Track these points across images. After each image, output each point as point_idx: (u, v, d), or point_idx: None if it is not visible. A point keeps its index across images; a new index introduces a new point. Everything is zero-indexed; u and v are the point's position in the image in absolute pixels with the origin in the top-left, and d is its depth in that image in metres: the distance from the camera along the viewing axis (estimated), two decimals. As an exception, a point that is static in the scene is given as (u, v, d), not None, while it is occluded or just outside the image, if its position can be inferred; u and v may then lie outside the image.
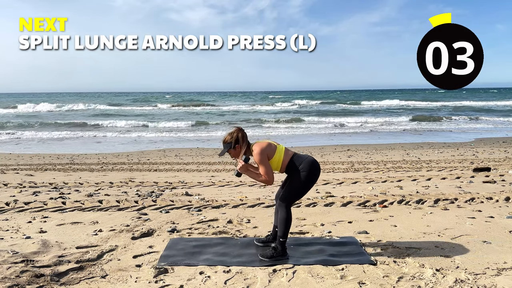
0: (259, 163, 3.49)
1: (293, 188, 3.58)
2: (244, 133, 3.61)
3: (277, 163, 3.56)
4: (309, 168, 3.55)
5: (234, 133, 3.58)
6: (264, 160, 3.48)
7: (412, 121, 25.65)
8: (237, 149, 3.58)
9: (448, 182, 7.41)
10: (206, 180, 7.92)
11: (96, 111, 37.75)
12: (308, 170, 3.54)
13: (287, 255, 3.58)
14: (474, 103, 44.47)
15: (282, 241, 3.57)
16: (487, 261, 3.49)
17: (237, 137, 3.56)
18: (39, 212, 5.32)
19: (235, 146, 3.57)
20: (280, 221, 3.59)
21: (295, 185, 3.57)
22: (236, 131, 3.59)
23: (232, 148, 3.58)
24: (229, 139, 3.59)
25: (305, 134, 19.73)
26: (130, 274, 3.28)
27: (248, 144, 3.61)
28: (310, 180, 3.57)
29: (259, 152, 3.48)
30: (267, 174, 3.49)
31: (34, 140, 17.64)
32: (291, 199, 3.62)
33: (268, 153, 3.52)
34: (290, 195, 3.60)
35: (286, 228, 3.57)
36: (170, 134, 20.05)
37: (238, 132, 3.58)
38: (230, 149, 3.60)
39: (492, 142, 15.51)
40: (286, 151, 3.62)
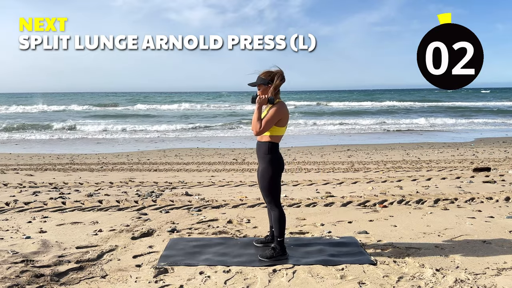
0: (271, 114, 3.42)
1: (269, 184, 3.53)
2: (283, 77, 3.52)
3: (272, 131, 3.50)
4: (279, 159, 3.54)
5: (273, 73, 3.51)
6: (276, 116, 3.43)
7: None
8: (268, 88, 3.50)
9: (448, 182, 7.41)
10: (206, 180, 7.92)
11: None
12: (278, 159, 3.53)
13: (287, 255, 3.58)
14: (472, 104, 44.42)
15: (279, 240, 3.56)
16: (487, 261, 3.49)
17: (274, 77, 3.50)
18: (39, 212, 5.32)
19: (268, 85, 3.50)
20: (274, 221, 3.58)
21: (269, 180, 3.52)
22: (276, 72, 3.51)
23: (264, 85, 3.51)
24: (265, 76, 3.52)
25: (304, 134, 19.74)
26: (130, 274, 3.28)
27: (278, 92, 3.53)
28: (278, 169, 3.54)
29: (282, 108, 3.45)
30: (266, 125, 3.42)
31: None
32: (273, 195, 3.55)
33: (282, 118, 3.47)
34: (269, 192, 3.54)
35: (281, 227, 3.55)
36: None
37: (276, 74, 3.50)
38: (262, 85, 3.52)
39: (492, 142, 15.51)
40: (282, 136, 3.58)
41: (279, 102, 3.50)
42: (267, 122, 3.43)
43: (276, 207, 3.57)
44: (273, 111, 3.44)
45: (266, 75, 3.52)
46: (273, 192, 3.55)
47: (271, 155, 3.52)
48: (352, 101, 52.14)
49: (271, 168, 3.51)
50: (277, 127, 3.49)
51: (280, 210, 3.57)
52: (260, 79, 3.52)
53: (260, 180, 3.61)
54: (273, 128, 3.49)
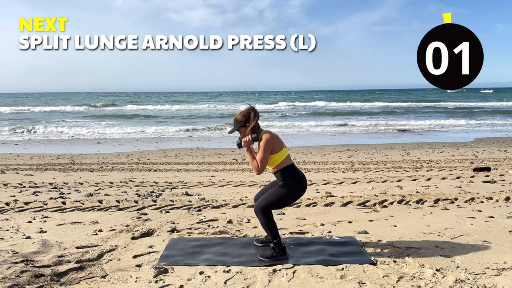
0: (261, 150, 3.46)
1: (277, 197, 3.55)
2: (256, 112, 3.56)
3: (274, 161, 3.54)
4: (298, 184, 3.57)
5: (246, 112, 3.55)
6: (267, 150, 3.46)
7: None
8: (247, 128, 3.54)
9: (448, 182, 7.41)
10: (206, 180, 7.92)
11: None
12: (297, 185, 3.56)
13: (287, 254, 3.57)
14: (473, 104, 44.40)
15: (276, 242, 3.55)
16: (487, 261, 3.49)
17: (249, 116, 3.53)
18: (39, 212, 5.32)
19: (246, 125, 3.54)
20: (263, 226, 3.58)
21: (280, 195, 3.55)
22: (249, 110, 3.55)
23: (243, 127, 3.55)
24: (240, 118, 3.56)
25: (304, 135, 19.73)
26: (130, 274, 3.28)
27: (258, 128, 3.56)
28: (295, 196, 3.59)
29: (267, 140, 3.46)
30: (262, 162, 3.46)
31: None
32: (271, 206, 3.56)
33: (273, 147, 3.49)
34: (271, 202, 3.55)
35: (272, 230, 3.54)
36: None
37: (251, 111, 3.54)
38: (241, 128, 3.57)
39: (492, 142, 15.51)
40: (288, 157, 3.61)
41: (263, 134, 3.51)
42: (261, 160, 3.46)
43: (261, 212, 3.54)
44: (262, 146, 3.47)
45: (241, 116, 3.56)
46: (272, 205, 3.56)
47: (288, 180, 3.55)
48: (353, 101, 52.12)
49: (287, 189, 3.55)
50: (275, 155, 3.52)
51: (265, 215, 3.53)
52: (237, 123, 3.57)
53: (273, 188, 3.61)
54: (272, 159, 3.52)
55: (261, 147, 3.47)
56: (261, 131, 3.56)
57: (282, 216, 5.00)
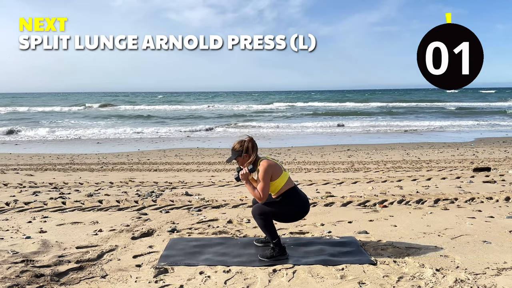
0: (261, 179, 3.50)
1: (277, 210, 3.56)
2: (254, 144, 3.62)
3: (276, 187, 3.58)
4: (301, 206, 3.60)
5: (244, 142, 3.60)
6: (266, 178, 3.49)
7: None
8: (245, 158, 3.60)
9: (448, 182, 7.41)
10: (206, 180, 7.91)
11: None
12: (298, 209, 3.60)
13: (287, 255, 3.58)
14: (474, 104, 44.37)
15: (275, 242, 3.56)
16: (487, 261, 3.49)
17: (247, 147, 3.59)
18: (39, 212, 5.32)
19: (244, 155, 3.59)
20: (261, 228, 3.59)
21: (280, 210, 3.57)
22: (247, 141, 3.61)
23: (240, 156, 3.61)
24: (238, 147, 3.61)
25: (304, 135, 19.73)
26: (130, 274, 3.28)
27: (257, 157, 3.62)
28: (295, 216, 3.63)
29: (266, 169, 3.49)
30: (263, 191, 3.50)
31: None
32: (269, 216, 3.56)
33: (272, 173, 3.53)
34: (271, 213, 3.56)
35: (270, 231, 3.56)
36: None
37: (249, 142, 3.60)
38: (238, 157, 3.62)
39: (492, 142, 15.51)
40: (289, 180, 3.62)
41: (261, 162, 3.53)
42: (262, 189, 3.49)
43: (259, 217, 3.55)
44: (261, 175, 3.49)
45: (239, 146, 3.61)
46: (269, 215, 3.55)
47: (290, 201, 3.57)
48: (352, 101, 52.09)
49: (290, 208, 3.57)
50: (276, 181, 3.54)
51: (263, 219, 3.54)
52: (235, 153, 3.62)
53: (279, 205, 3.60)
54: (273, 185, 3.55)
55: (260, 176, 3.50)
56: (259, 158, 3.60)
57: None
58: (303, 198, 3.64)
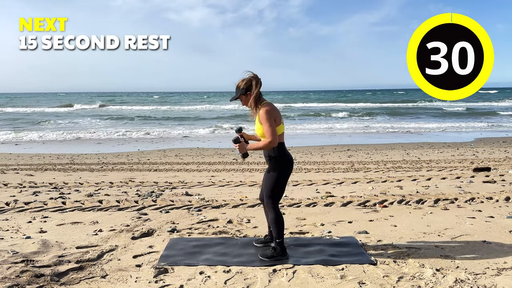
0: (265, 121, 3.31)
1: (271, 185, 3.50)
2: (258, 81, 3.42)
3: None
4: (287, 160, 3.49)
5: (248, 79, 3.42)
6: (271, 120, 3.33)
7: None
8: (249, 96, 3.42)
9: (448, 182, 7.41)
10: (206, 180, 7.92)
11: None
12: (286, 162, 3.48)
13: (287, 255, 3.57)
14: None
15: (278, 241, 3.54)
16: (487, 261, 3.49)
17: (251, 84, 3.41)
18: (39, 212, 5.32)
19: (247, 93, 3.43)
20: (271, 222, 3.56)
21: (272, 181, 3.49)
22: (250, 78, 3.42)
23: (244, 95, 3.44)
24: (242, 85, 3.43)
25: (303, 135, 19.72)
26: (130, 274, 3.28)
27: (260, 97, 3.45)
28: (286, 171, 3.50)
29: (269, 111, 3.33)
30: (273, 134, 3.30)
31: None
32: (274, 196, 3.51)
33: (275, 117, 3.38)
34: (271, 192, 3.50)
35: (279, 229, 3.52)
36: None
37: (252, 79, 3.41)
38: (242, 95, 3.45)
39: (492, 142, 15.51)
40: (282, 135, 3.50)
41: (263, 104, 3.41)
42: (270, 130, 3.31)
43: (273, 208, 3.52)
44: (265, 117, 3.32)
45: (243, 84, 3.44)
46: (274, 192, 3.51)
47: (276, 155, 3.47)
48: (354, 101, 52.06)
49: (277, 169, 3.48)
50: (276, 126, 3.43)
51: (276, 212, 3.52)
52: (239, 90, 3.46)
53: (265, 178, 3.57)
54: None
55: (263, 119, 3.32)
56: (263, 101, 3.45)
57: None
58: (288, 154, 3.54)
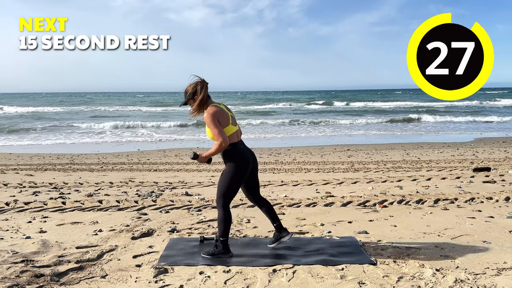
0: (210, 124, 3.37)
1: (224, 184, 3.51)
2: (204, 85, 3.47)
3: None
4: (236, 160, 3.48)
5: (195, 84, 3.48)
6: (215, 122, 3.36)
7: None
8: (196, 100, 3.46)
9: (448, 182, 7.41)
10: (206, 180, 7.92)
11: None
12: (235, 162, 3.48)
13: (230, 253, 3.59)
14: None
15: (222, 240, 3.57)
16: (487, 261, 3.49)
17: (196, 89, 3.46)
18: (39, 212, 5.32)
19: (194, 97, 3.47)
20: (219, 221, 3.57)
21: (226, 181, 3.50)
22: (196, 82, 3.48)
23: (192, 99, 3.48)
24: (190, 89, 3.49)
25: (303, 135, 19.72)
26: (130, 274, 3.28)
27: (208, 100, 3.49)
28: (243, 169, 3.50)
29: (211, 114, 3.37)
30: (220, 135, 3.35)
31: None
32: (226, 196, 3.53)
33: (219, 119, 3.40)
34: (224, 192, 3.52)
35: (225, 228, 3.55)
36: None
37: (198, 84, 3.47)
38: (190, 100, 3.50)
39: (492, 142, 15.51)
40: (233, 135, 3.49)
41: (208, 107, 3.44)
42: (217, 132, 3.35)
43: (222, 207, 3.54)
44: (209, 120, 3.37)
45: (190, 88, 3.49)
46: (226, 192, 3.53)
47: (230, 157, 3.50)
48: (355, 101, 52.00)
49: (231, 169, 3.50)
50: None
51: (225, 211, 3.54)
52: (187, 96, 3.51)
53: (220, 178, 3.59)
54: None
55: (208, 122, 3.38)
56: (211, 103, 3.48)
57: (282, 216, 4.99)
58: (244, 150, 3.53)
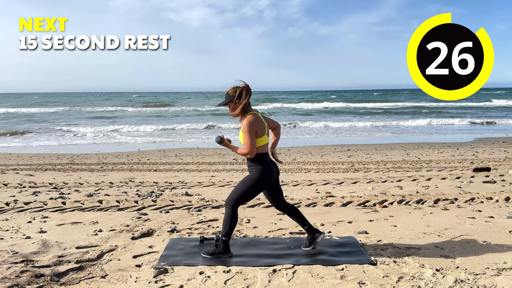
0: (246, 132, 3.38)
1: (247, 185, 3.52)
2: (249, 91, 3.47)
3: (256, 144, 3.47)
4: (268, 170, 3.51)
5: (239, 89, 3.47)
6: (251, 132, 3.38)
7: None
8: (237, 105, 3.47)
9: (448, 182, 7.41)
10: (206, 180, 7.92)
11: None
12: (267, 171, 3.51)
13: (230, 253, 3.60)
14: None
15: (225, 240, 3.58)
16: (487, 261, 3.49)
17: (240, 93, 3.45)
18: (39, 212, 5.31)
19: (236, 101, 3.47)
20: (225, 220, 3.57)
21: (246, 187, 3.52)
22: (242, 87, 3.47)
23: (232, 102, 3.48)
24: (232, 92, 3.48)
25: (303, 135, 19.72)
26: (130, 274, 3.28)
27: (247, 108, 3.49)
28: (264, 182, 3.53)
29: (250, 123, 3.38)
30: (250, 146, 3.38)
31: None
32: (240, 200, 3.56)
33: (257, 129, 3.42)
34: (243, 192, 3.53)
35: (230, 228, 3.55)
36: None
37: (243, 89, 3.46)
38: (230, 102, 3.49)
39: (492, 142, 15.51)
40: (265, 145, 3.53)
41: (249, 115, 3.44)
42: (249, 143, 3.38)
43: (231, 208, 3.55)
44: (246, 128, 3.38)
45: (233, 91, 3.48)
46: (242, 197, 3.55)
47: (256, 167, 3.51)
48: (355, 102, 51.98)
49: (254, 178, 3.51)
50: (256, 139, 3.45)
51: (233, 212, 3.55)
52: (228, 97, 3.51)
53: (242, 180, 3.61)
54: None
55: (245, 130, 3.38)
56: (250, 110, 3.49)
57: (282, 216, 4.99)
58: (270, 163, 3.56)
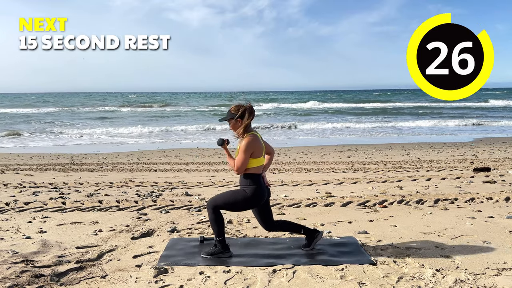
0: (242, 151, 3.44)
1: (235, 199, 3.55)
2: (251, 112, 3.53)
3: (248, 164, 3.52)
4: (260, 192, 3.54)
5: (242, 108, 3.52)
6: (247, 152, 3.44)
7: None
8: (238, 123, 3.52)
9: (448, 182, 7.41)
10: (206, 180, 7.92)
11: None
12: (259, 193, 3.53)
13: (230, 252, 3.61)
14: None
15: (219, 239, 3.59)
16: (487, 261, 3.49)
17: (243, 113, 3.50)
18: (39, 212, 5.31)
19: (237, 119, 3.51)
20: (211, 223, 3.59)
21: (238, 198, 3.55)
22: (245, 107, 3.52)
23: (233, 119, 3.53)
24: (234, 110, 3.53)
25: (303, 136, 19.71)
26: (130, 274, 3.28)
27: (248, 128, 3.53)
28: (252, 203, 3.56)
29: (249, 144, 3.44)
30: (241, 164, 3.44)
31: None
32: (224, 206, 3.57)
33: (254, 150, 3.48)
34: (228, 203, 3.56)
35: (220, 228, 3.57)
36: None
37: (246, 109, 3.51)
38: (231, 119, 3.54)
39: (492, 142, 15.51)
40: (260, 167, 3.57)
41: (249, 135, 3.48)
42: (240, 161, 3.44)
43: (212, 209, 3.56)
44: (243, 148, 3.44)
45: (235, 109, 3.53)
46: (224, 204, 3.56)
47: (249, 186, 3.53)
48: (355, 102, 51.97)
49: (247, 196, 3.52)
50: (252, 159, 3.49)
51: (215, 213, 3.56)
52: (230, 114, 3.55)
53: (230, 191, 3.64)
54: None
55: (242, 148, 3.46)
56: (250, 130, 3.54)
57: (282, 217, 5.00)
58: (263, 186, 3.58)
